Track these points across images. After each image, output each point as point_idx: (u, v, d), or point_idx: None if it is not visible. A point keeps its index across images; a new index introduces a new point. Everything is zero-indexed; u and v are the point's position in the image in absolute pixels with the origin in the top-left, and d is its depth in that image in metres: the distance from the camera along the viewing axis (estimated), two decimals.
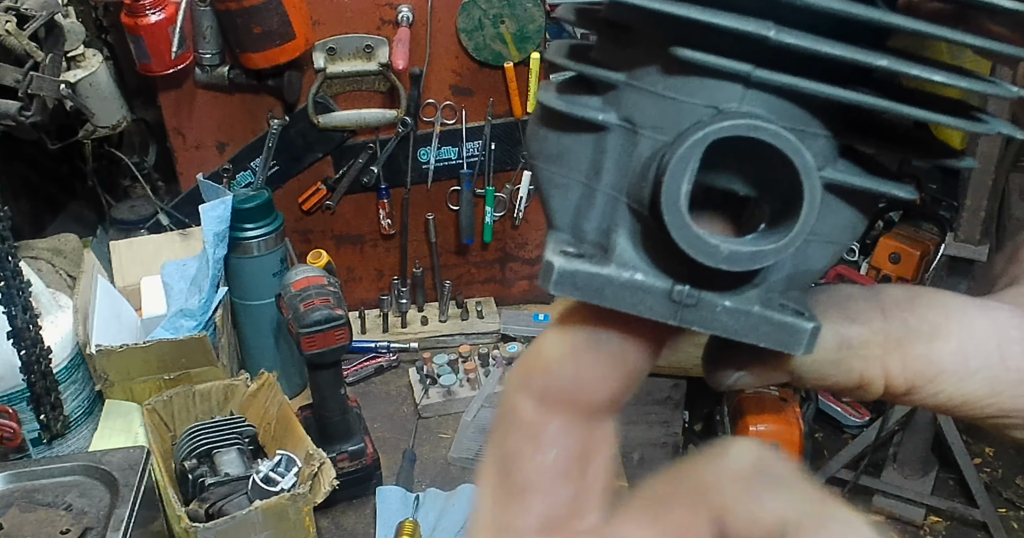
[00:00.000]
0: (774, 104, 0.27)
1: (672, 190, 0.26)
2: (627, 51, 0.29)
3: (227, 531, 1.40)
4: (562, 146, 0.30)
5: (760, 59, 0.26)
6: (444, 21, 2.03)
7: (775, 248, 0.27)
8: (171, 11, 1.89)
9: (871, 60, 0.26)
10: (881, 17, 0.25)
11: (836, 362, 0.31)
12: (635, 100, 0.28)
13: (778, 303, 0.29)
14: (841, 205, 0.29)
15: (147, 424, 1.61)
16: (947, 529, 3.15)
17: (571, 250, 0.29)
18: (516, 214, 2.25)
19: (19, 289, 1.44)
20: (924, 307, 0.31)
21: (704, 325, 0.28)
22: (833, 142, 0.28)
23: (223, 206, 1.83)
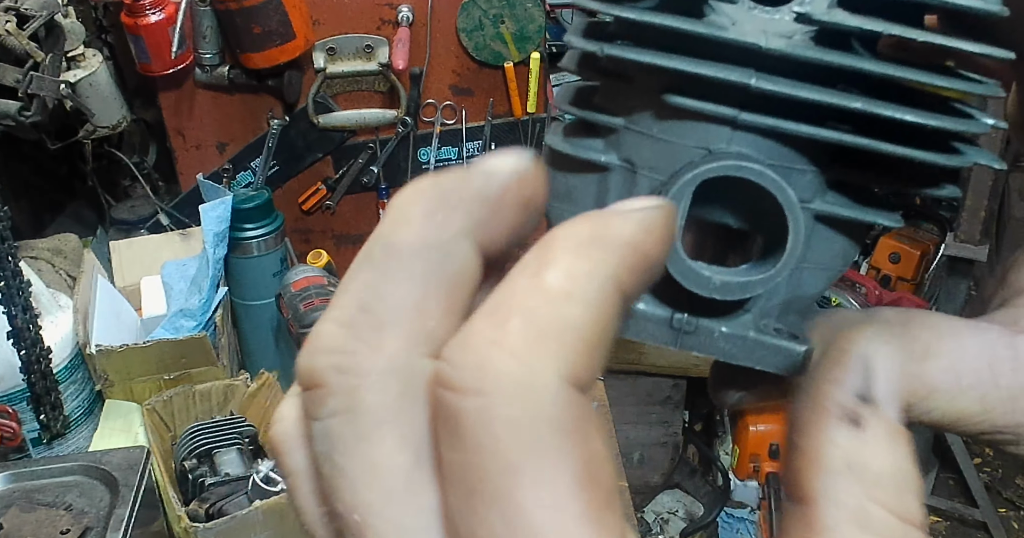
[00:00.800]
0: (761, 144, 0.29)
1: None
2: (625, 97, 0.31)
3: (227, 531, 1.40)
4: (569, 185, 0.32)
5: (745, 103, 0.28)
6: (444, 21, 2.03)
7: (763, 279, 0.28)
8: (171, 11, 1.89)
9: (846, 103, 0.27)
10: (852, 63, 0.27)
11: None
12: (634, 142, 0.30)
13: (773, 328, 0.31)
14: (832, 234, 0.31)
15: (147, 424, 1.61)
16: (947, 529, 3.15)
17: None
18: None
19: (19, 289, 1.44)
20: (917, 328, 0.32)
21: (703, 350, 0.30)
22: (820, 176, 0.30)
23: (223, 206, 1.83)
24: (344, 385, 0.23)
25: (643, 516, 2.98)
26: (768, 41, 0.27)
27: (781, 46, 0.28)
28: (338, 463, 0.23)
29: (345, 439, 0.23)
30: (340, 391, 0.23)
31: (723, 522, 2.96)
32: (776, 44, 0.28)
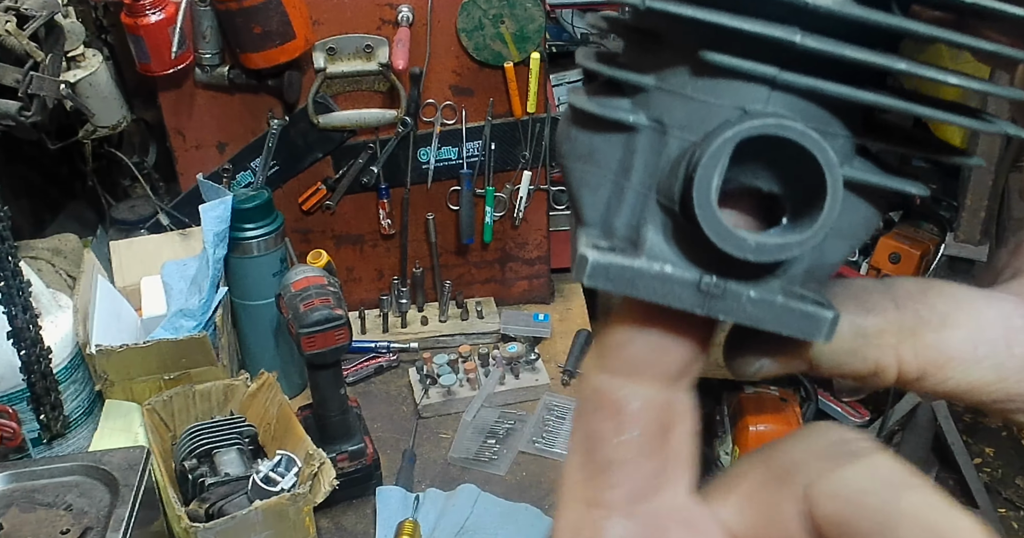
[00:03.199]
0: (797, 105, 0.29)
1: (704, 186, 0.27)
2: (655, 56, 0.30)
3: (227, 531, 1.40)
4: (593, 146, 0.31)
5: (784, 62, 0.28)
6: (444, 21, 2.03)
7: (800, 240, 0.28)
8: (171, 11, 1.89)
9: (891, 64, 0.27)
10: (900, 23, 0.27)
11: (852, 350, 0.32)
12: (664, 102, 0.30)
13: (799, 294, 0.30)
14: (858, 202, 0.31)
15: (147, 424, 1.61)
16: None
17: (603, 244, 0.30)
18: (516, 214, 2.25)
19: (19, 289, 1.44)
20: (935, 298, 0.33)
21: (731, 314, 0.30)
22: (851, 141, 0.30)
23: (223, 206, 1.83)
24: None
25: None
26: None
27: (828, 3, 0.27)
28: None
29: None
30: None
31: None
32: (823, 1, 0.27)
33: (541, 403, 2.04)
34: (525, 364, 2.09)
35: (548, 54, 2.15)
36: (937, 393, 0.33)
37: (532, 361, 2.09)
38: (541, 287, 2.37)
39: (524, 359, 2.09)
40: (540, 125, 2.16)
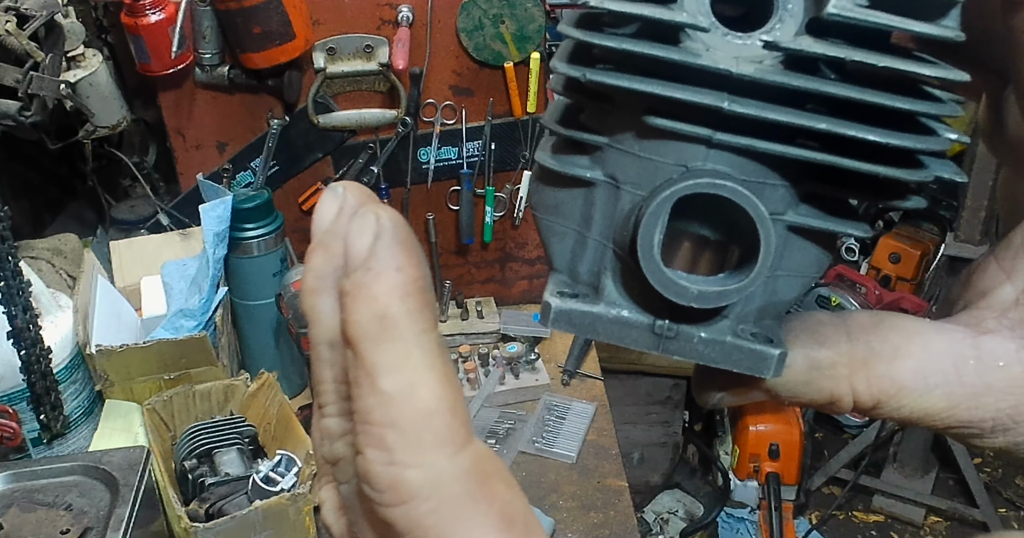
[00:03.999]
0: (735, 161, 0.31)
1: (647, 239, 0.30)
2: (609, 117, 0.33)
3: (227, 531, 1.40)
4: (558, 199, 0.34)
5: (720, 123, 0.30)
6: (444, 21, 2.03)
7: (738, 287, 0.30)
8: (171, 11, 1.89)
9: (812, 123, 0.30)
10: (814, 86, 0.29)
11: (807, 382, 0.34)
12: (617, 160, 0.32)
13: (750, 332, 0.32)
14: (805, 243, 0.33)
15: (147, 424, 1.61)
16: (947, 529, 3.15)
17: (567, 290, 0.33)
18: (516, 214, 2.25)
19: (19, 289, 1.44)
20: (886, 330, 0.35)
21: (684, 354, 0.32)
22: (792, 190, 0.32)
23: (223, 206, 1.83)
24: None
25: (643, 516, 2.98)
26: (739, 67, 0.29)
27: (751, 71, 0.29)
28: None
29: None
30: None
31: (723, 522, 2.96)
32: (746, 69, 0.29)
33: (541, 403, 2.04)
34: (525, 364, 2.09)
35: (548, 54, 2.15)
36: (894, 419, 0.35)
37: (532, 361, 2.09)
38: (541, 287, 2.36)
39: (524, 359, 2.09)
40: (540, 125, 2.16)
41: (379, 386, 0.27)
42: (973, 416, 0.34)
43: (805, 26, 0.31)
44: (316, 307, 0.29)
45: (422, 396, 0.27)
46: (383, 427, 0.27)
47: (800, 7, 0.31)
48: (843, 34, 0.30)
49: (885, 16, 0.29)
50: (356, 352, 0.27)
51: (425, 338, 0.27)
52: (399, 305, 0.27)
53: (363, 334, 0.27)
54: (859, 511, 3.25)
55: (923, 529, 3.16)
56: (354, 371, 0.27)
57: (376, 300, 0.27)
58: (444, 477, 0.27)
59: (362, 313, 0.27)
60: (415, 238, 0.28)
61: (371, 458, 0.27)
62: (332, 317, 0.29)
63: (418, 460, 0.27)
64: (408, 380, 0.27)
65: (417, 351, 0.27)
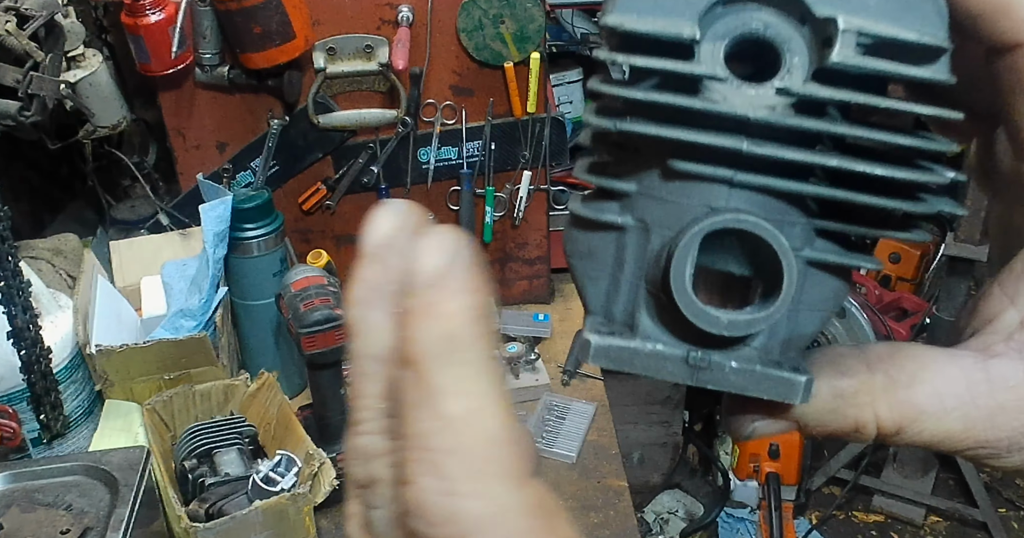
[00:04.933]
0: (755, 199, 0.34)
1: (679, 274, 0.32)
2: (635, 164, 0.35)
3: (227, 531, 1.40)
4: (591, 245, 0.37)
5: (739, 165, 0.33)
6: (444, 21, 2.03)
7: (765, 316, 0.33)
8: (171, 11, 1.89)
9: (823, 161, 0.33)
10: (824, 127, 0.33)
11: (833, 410, 0.36)
12: (645, 204, 0.35)
13: (776, 361, 0.35)
14: (824, 277, 0.35)
15: (147, 424, 1.61)
16: (947, 529, 3.15)
17: (604, 329, 0.35)
18: (516, 214, 2.25)
19: (19, 289, 1.44)
20: (903, 359, 0.37)
21: (717, 383, 0.34)
22: (809, 226, 0.35)
23: (223, 206, 1.83)
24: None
25: (643, 516, 2.98)
26: (755, 112, 0.33)
27: (766, 115, 0.33)
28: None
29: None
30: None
31: (723, 522, 2.96)
32: (761, 114, 0.33)
33: (541, 403, 2.04)
34: (525, 364, 2.09)
35: (548, 54, 2.15)
36: (915, 444, 0.37)
37: (532, 361, 2.09)
38: (541, 287, 2.37)
39: (524, 359, 2.09)
40: (540, 125, 2.16)
41: (442, 409, 0.25)
42: (990, 436, 0.36)
43: (811, 75, 0.34)
44: (365, 319, 0.28)
45: (488, 424, 0.26)
46: (443, 453, 0.25)
47: (805, 61, 0.34)
48: (846, 82, 0.33)
49: (883, 63, 0.33)
50: (418, 371, 0.26)
51: (492, 365, 0.26)
52: (470, 328, 0.26)
53: (429, 353, 0.26)
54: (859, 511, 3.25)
55: (923, 529, 3.16)
56: (411, 391, 0.26)
57: (448, 320, 0.26)
58: (508, 511, 0.25)
59: (431, 332, 0.26)
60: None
61: (426, 487, 0.25)
62: (381, 331, 0.28)
63: (481, 491, 0.25)
64: (474, 406, 0.26)
65: (485, 377, 0.26)
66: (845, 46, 0.32)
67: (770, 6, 0.34)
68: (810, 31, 0.34)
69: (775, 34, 0.34)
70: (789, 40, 0.34)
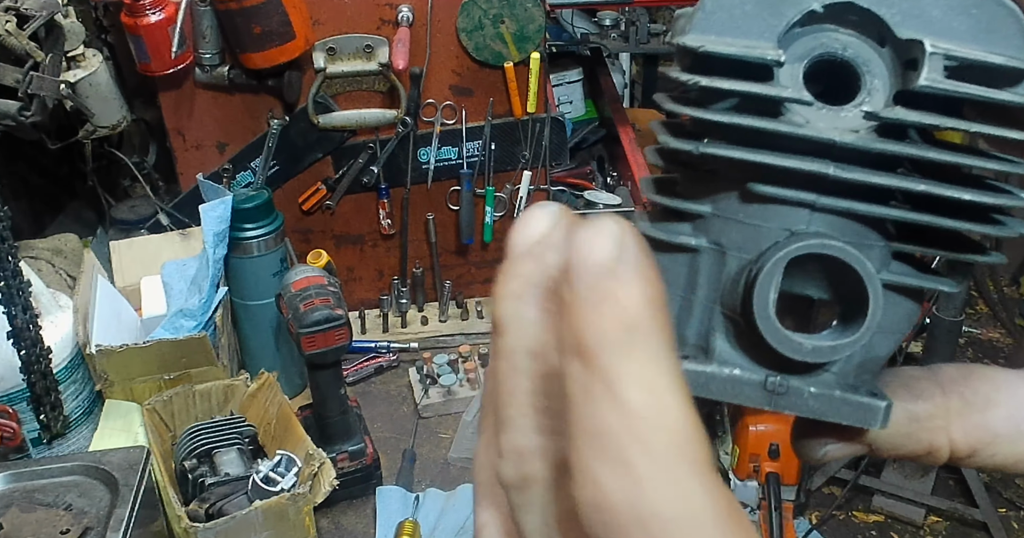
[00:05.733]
0: (836, 223, 0.33)
1: (762, 300, 0.32)
2: (709, 185, 0.35)
3: (227, 531, 1.40)
4: (661, 266, 0.34)
5: (821, 189, 0.32)
6: (444, 21, 2.03)
7: (850, 342, 0.32)
8: (171, 11, 1.89)
9: (912, 186, 0.32)
10: (911, 151, 0.32)
11: (908, 434, 0.36)
12: (721, 226, 0.34)
13: (853, 386, 0.34)
14: (898, 299, 0.35)
15: (147, 424, 1.61)
16: (947, 529, 3.15)
17: (677, 353, 0.33)
18: (516, 214, 2.25)
19: (19, 289, 1.44)
20: (977, 381, 0.36)
21: (795, 409, 0.34)
22: (887, 249, 0.35)
23: (223, 206, 1.83)
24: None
25: None
26: (842, 136, 0.32)
27: (853, 140, 0.32)
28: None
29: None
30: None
31: None
32: (849, 138, 0.32)
33: None
34: None
35: (548, 54, 2.15)
36: (987, 467, 0.36)
37: None
38: None
39: None
40: (540, 125, 2.16)
41: (624, 398, 0.24)
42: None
43: (892, 99, 0.33)
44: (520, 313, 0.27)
45: (675, 414, 0.24)
46: (628, 446, 0.24)
47: (885, 83, 0.33)
48: (924, 104, 0.32)
49: (971, 86, 0.32)
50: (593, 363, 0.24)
51: (673, 356, 0.25)
52: (650, 317, 0.25)
53: (607, 342, 0.24)
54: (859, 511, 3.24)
55: (923, 529, 3.16)
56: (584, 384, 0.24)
57: (626, 309, 0.24)
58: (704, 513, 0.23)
59: (607, 321, 0.24)
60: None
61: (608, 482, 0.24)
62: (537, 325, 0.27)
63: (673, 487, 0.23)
64: (659, 397, 0.24)
65: (666, 367, 0.24)
66: (933, 70, 0.32)
67: (848, 27, 0.34)
68: (891, 53, 0.34)
69: (854, 55, 0.34)
70: (868, 62, 0.34)
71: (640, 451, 0.24)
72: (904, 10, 0.33)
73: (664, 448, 0.24)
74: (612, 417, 0.24)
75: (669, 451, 0.24)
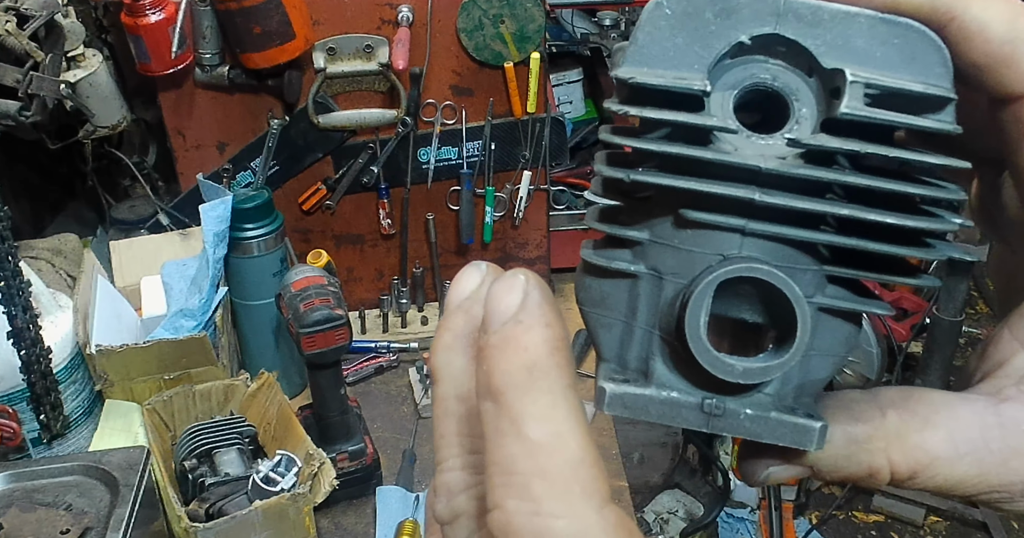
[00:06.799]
0: (767, 247, 0.34)
1: (693, 322, 0.33)
2: (647, 213, 0.36)
3: (227, 531, 1.40)
4: (603, 292, 0.37)
5: (750, 214, 0.33)
6: (444, 21, 2.03)
7: (779, 363, 0.33)
8: (171, 11, 1.89)
9: (835, 210, 0.33)
10: (833, 177, 0.33)
11: (847, 456, 0.36)
12: (658, 253, 0.35)
13: (791, 408, 0.35)
14: (835, 322, 0.35)
15: (147, 424, 1.61)
16: (947, 529, 3.15)
17: (618, 377, 0.35)
18: (516, 214, 2.25)
19: (19, 289, 1.44)
20: (915, 403, 0.37)
21: (731, 431, 0.34)
22: (821, 272, 0.35)
23: (223, 206, 1.83)
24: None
25: (643, 516, 2.98)
26: (766, 162, 0.33)
27: (776, 166, 0.33)
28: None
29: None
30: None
31: (723, 522, 2.96)
32: (772, 164, 0.33)
33: None
34: None
35: (548, 54, 2.15)
36: (928, 489, 0.36)
37: None
38: None
39: None
40: (540, 125, 2.16)
41: (526, 433, 0.26)
42: (1003, 480, 0.36)
43: (819, 126, 0.34)
44: (451, 362, 0.30)
45: (571, 446, 0.27)
46: (529, 476, 0.26)
47: (812, 112, 0.34)
48: (853, 132, 0.33)
49: (890, 113, 0.33)
50: (500, 401, 0.27)
51: (571, 392, 0.28)
52: (548, 358, 0.27)
53: (511, 383, 0.27)
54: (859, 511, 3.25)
55: (923, 529, 3.16)
56: (494, 422, 0.27)
57: (527, 351, 0.27)
58: (593, 530, 0.26)
59: (511, 363, 0.27)
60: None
61: (513, 509, 0.26)
62: (464, 373, 0.30)
63: (567, 511, 0.26)
64: (556, 429, 0.27)
65: (564, 402, 0.27)
66: (853, 97, 0.33)
67: (778, 58, 0.35)
68: (818, 82, 0.34)
69: (783, 85, 0.34)
70: (797, 91, 0.34)
71: (540, 478, 0.26)
72: (828, 41, 0.34)
73: (560, 475, 0.26)
74: (517, 449, 0.26)
75: (565, 477, 0.26)
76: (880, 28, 0.33)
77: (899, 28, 0.34)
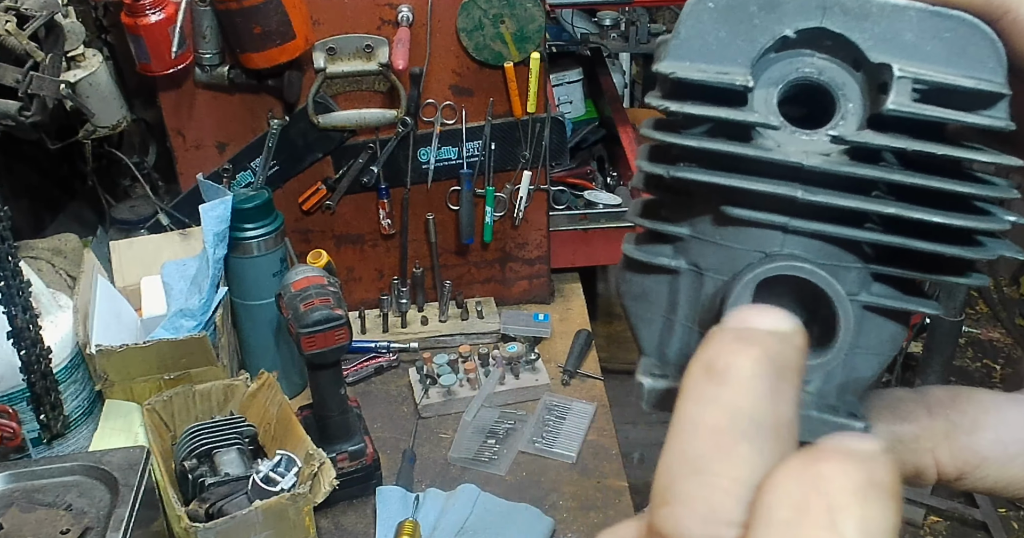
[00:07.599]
0: (810, 245, 0.34)
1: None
2: (688, 209, 0.36)
3: (227, 531, 1.40)
4: (644, 287, 0.37)
5: (793, 211, 0.33)
6: (444, 21, 2.03)
7: (821, 363, 0.33)
8: (171, 11, 1.89)
9: (881, 208, 0.33)
10: (879, 175, 0.33)
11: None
12: (699, 248, 0.35)
13: (833, 407, 0.34)
14: (881, 321, 0.35)
15: (147, 424, 1.61)
16: (947, 529, 3.15)
17: (656, 372, 0.35)
18: (516, 214, 2.25)
19: (19, 289, 1.44)
20: (964, 403, 0.36)
21: None
22: (865, 271, 0.34)
23: (223, 206, 1.83)
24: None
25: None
26: (809, 159, 0.33)
27: (820, 163, 0.33)
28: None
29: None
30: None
31: None
32: (815, 161, 0.33)
33: (541, 403, 2.04)
34: (525, 364, 2.09)
35: (548, 54, 2.15)
36: (978, 490, 0.36)
37: (532, 361, 2.09)
38: (541, 287, 2.37)
39: (524, 359, 2.09)
40: (540, 125, 2.16)
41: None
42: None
43: (866, 122, 0.34)
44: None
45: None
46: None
47: (859, 106, 0.34)
48: (901, 127, 0.33)
49: (939, 109, 0.32)
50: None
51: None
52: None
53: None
54: None
55: (923, 529, 3.16)
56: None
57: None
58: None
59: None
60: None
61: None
62: None
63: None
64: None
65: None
66: (900, 93, 0.32)
67: (823, 52, 0.34)
68: (864, 77, 0.34)
69: (829, 79, 0.34)
70: (843, 86, 0.34)
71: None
72: (876, 34, 0.33)
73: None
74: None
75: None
76: (930, 22, 0.33)
77: (950, 22, 0.33)
